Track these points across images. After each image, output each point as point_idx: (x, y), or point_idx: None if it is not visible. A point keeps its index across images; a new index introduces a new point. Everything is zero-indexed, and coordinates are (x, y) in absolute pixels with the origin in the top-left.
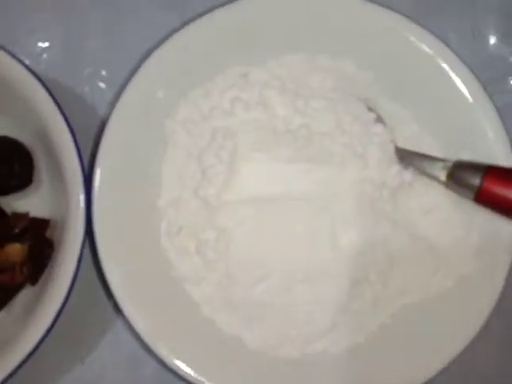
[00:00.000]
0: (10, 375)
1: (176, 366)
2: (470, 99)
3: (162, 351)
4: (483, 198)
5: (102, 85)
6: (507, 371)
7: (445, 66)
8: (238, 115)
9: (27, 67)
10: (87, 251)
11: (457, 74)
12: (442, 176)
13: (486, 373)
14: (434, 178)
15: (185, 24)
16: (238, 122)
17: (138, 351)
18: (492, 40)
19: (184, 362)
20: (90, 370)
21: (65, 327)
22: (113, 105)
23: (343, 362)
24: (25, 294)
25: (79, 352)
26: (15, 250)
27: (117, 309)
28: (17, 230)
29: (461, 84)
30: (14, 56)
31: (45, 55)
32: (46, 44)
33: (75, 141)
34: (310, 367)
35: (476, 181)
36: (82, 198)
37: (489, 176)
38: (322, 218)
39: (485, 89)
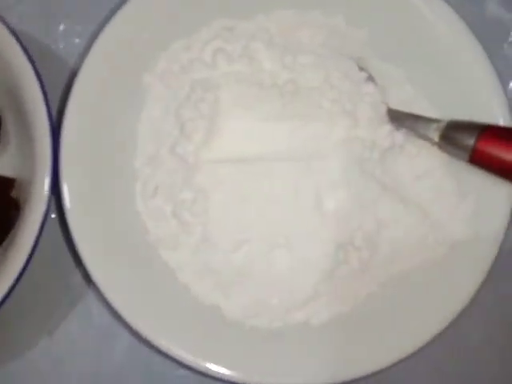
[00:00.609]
0: None
1: (151, 337)
2: (468, 58)
3: (136, 322)
4: (478, 159)
5: (77, 40)
6: (495, 344)
7: (441, 23)
8: (220, 67)
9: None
10: (57, 217)
11: (453, 32)
12: (436, 137)
13: (474, 344)
14: (427, 140)
15: None
16: (219, 74)
17: (110, 323)
18: (491, 3)
19: (159, 334)
20: (58, 343)
21: (32, 297)
22: (84, 56)
23: (327, 333)
24: None
25: (47, 324)
26: None
27: (86, 279)
28: None
29: (458, 42)
30: None
31: (17, 8)
32: None
33: (46, 98)
34: (292, 338)
35: (470, 141)
36: (48, 156)
37: (484, 135)
38: (307, 179)
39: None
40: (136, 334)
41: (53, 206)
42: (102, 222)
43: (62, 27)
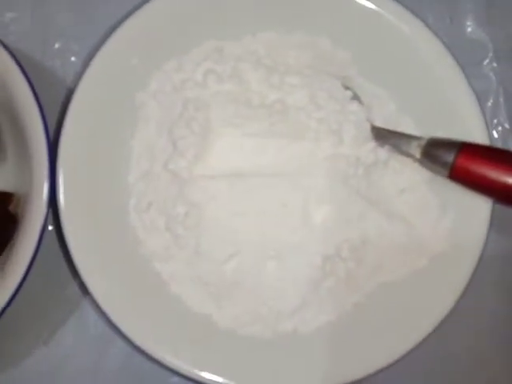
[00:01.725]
0: None
1: (145, 346)
2: (447, 78)
3: (131, 331)
4: (457, 175)
5: (73, 59)
6: (477, 351)
7: (422, 46)
8: (211, 87)
9: None
10: (53, 230)
11: (434, 54)
12: (417, 154)
13: (456, 353)
14: (409, 156)
15: None
16: (210, 93)
17: (104, 332)
18: (469, 25)
19: (153, 342)
20: (53, 353)
21: (28, 307)
22: (80, 76)
23: (315, 341)
24: None
25: (43, 334)
26: None
27: (82, 290)
28: None
29: (438, 63)
30: None
31: (13, 27)
32: (14, 15)
33: (42, 115)
34: (281, 347)
35: (450, 157)
36: (45, 172)
37: (462, 153)
38: (295, 194)
39: (462, 68)
40: (130, 343)
41: (50, 219)
42: (98, 234)
43: (57, 45)
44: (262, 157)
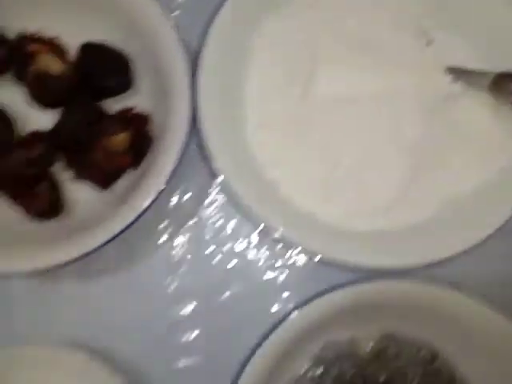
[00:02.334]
0: (97, 249)
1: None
2: None
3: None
4: None
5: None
6: None
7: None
8: (316, 29)
9: None
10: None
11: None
12: (487, 86)
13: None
14: (480, 89)
15: None
16: (317, 34)
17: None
18: None
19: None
20: (174, 252)
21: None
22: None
23: (401, 238)
24: (127, 178)
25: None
26: (121, 140)
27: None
28: (122, 120)
29: (502, 11)
30: None
31: None
32: None
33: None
34: (373, 240)
35: None
36: (186, 100)
37: None
38: (388, 115)
39: None
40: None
41: None
42: (229, 145)
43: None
44: (361, 85)
